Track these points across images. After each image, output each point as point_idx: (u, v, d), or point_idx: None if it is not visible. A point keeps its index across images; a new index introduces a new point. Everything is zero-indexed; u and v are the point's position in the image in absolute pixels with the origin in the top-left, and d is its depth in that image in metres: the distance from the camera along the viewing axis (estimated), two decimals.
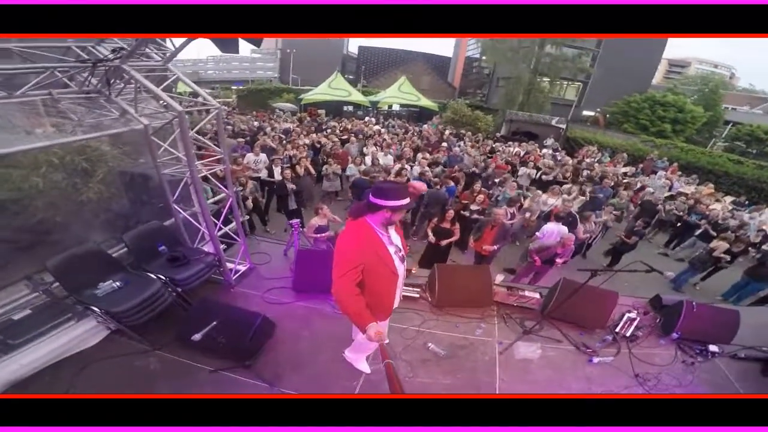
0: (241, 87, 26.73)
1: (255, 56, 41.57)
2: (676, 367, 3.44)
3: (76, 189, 4.13)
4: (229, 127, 12.36)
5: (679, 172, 12.65)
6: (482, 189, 7.13)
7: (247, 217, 4.82)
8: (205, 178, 3.78)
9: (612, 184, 9.03)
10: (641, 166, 13.37)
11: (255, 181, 7.22)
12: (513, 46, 21.34)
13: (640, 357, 3.48)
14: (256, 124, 13.59)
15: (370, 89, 24.26)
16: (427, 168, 7.98)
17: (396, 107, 21.40)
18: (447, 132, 14.89)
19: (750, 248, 7.12)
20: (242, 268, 4.28)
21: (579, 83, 25.85)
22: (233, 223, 4.23)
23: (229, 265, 4.10)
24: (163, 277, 3.21)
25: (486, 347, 3.48)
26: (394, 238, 2.23)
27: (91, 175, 4.34)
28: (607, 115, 23.84)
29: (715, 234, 7.14)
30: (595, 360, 3.38)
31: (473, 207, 6.59)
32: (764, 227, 8.27)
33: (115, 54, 2.80)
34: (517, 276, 6.00)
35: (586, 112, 25.42)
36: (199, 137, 3.59)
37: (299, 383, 2.91)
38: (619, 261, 7.07)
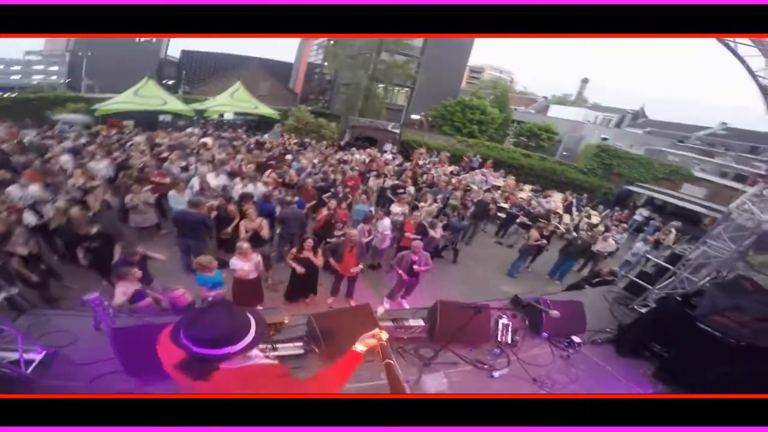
0: (4, 95, 19.35)
1: (31, 59, 30.18)
2: (558, 363, 3.70)
3: None
4: None
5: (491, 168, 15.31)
6: (337, 207, 6.88)
7: (15, 290, 3.24)
8: None
9: (444, 185, 10.13)
10: (462, 164, 15.65)
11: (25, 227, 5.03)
12: (353, 53, 21.62)
13: (527, 360, 3.61)
14: (30, 139, 9.85)
15: (195, 96, 21.05)
16: (273, 190, 7.25)
17: (229, 116, 19.27)
18: (291, 141, 14.23)
19: (557, 230, 8.81)
20: (36, 356, 2.90)
21: (408, 89, 28.12)
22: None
23: (12, 356, 2.75)
24: None
25: None
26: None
27: None
28: (429, 119, 26.70)
29: (530, 223, 8.63)
30: (496, 374, 3.39)
31: (337, 232, 6.26)
32: (557, 210, 10.67)
33: None
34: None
35: (413, 116, 28.00)
36: None
37: None
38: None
